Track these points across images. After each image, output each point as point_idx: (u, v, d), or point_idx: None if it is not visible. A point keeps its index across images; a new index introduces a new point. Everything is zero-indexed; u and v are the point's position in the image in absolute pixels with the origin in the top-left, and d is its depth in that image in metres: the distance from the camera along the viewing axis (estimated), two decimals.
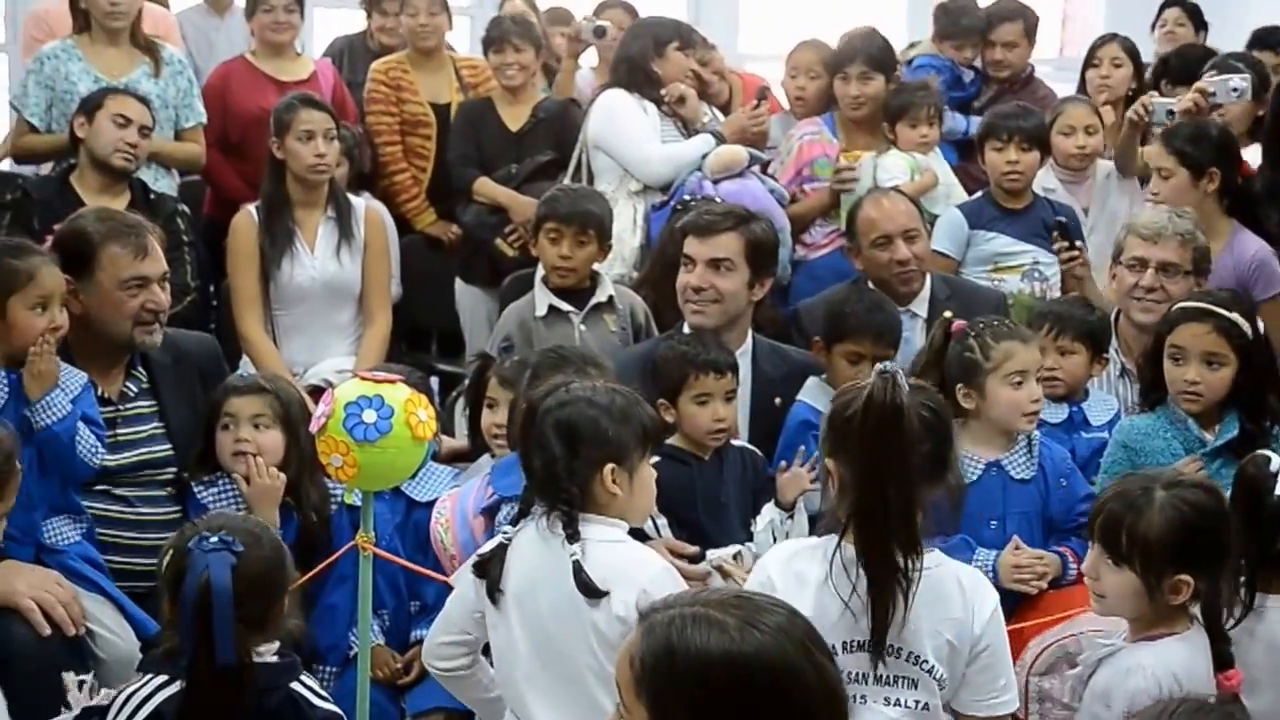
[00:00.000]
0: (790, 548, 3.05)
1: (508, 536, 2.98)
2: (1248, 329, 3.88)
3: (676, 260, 4.45)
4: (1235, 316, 3.87)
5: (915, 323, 4.70)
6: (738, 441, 4.12)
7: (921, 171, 5.52)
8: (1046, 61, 9.01)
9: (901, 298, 4.69)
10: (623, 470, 2.94)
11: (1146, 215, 4.67)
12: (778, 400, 4.33)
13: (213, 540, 2.83)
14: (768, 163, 5.62)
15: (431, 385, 4.20)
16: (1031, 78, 6.58)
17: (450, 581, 3.40)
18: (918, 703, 2.86)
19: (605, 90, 5.62)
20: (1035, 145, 5.28)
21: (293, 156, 5.02)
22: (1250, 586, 3.03)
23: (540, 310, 4.72)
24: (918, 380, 3.06)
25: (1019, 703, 3.04)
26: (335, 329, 5.13)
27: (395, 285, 5.50)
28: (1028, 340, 3.91)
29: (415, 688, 3.81)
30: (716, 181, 5.28)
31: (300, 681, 2.93)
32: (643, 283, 5.08)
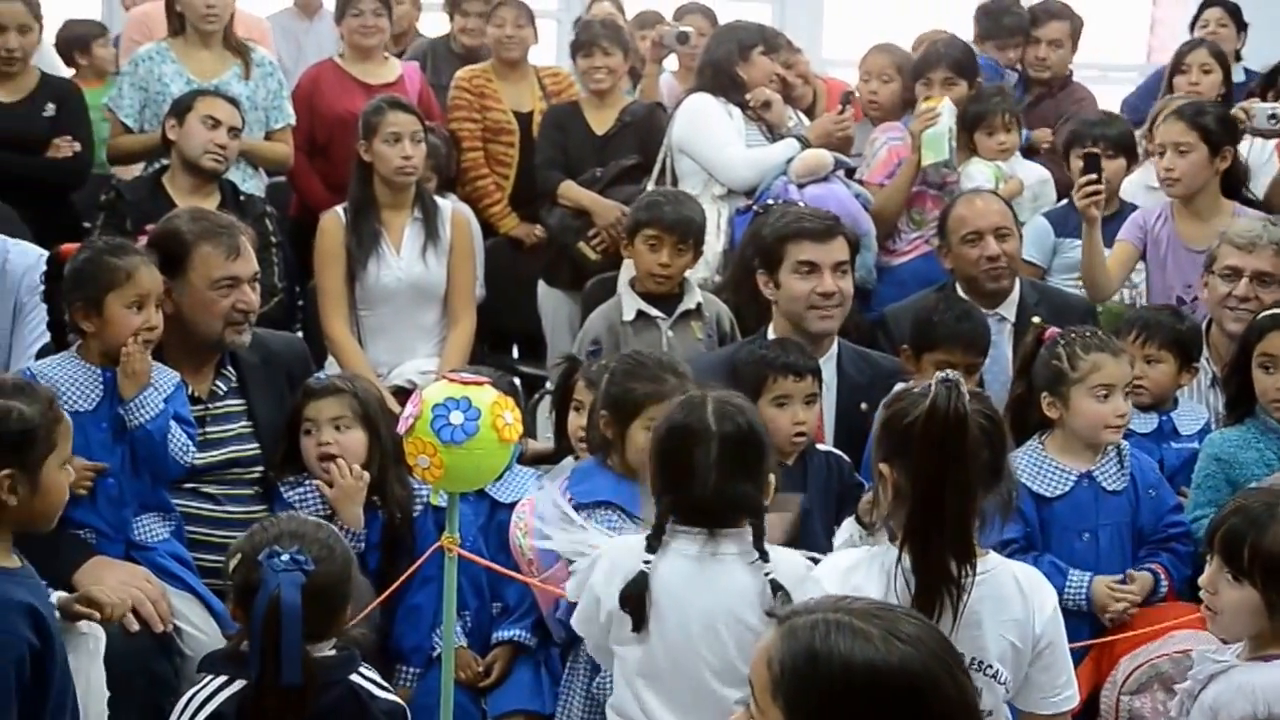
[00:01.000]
0: (847, 559, 3.01)
1: (649, 565, 2.94)
2: None
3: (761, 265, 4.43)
4: None
5: (1004, 327, 4.66)
6: (823, 446, 4.10)
7: (1006, 179, 5.47)
8: (1132, 68, 8.94)
9: (990, 297, 4.66)
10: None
11: (1241, 224, 4.61)
12: (863, 405, 4.29)
13: (284, 559, 2.81)
14: (854, 169, 5.60)
15: (518, 387, 4.20)
16: (1070, 80, 6.50)
17: (536, 584, 3.39)
18: (983, 711, 2.83)
19: (690, 94, 5.61)
20: (1121, 153, 5.21)
21: (380, 158, 5.05)
22: None
23: (628, 315, 4.71)
24: (974, 388, 3.05)
25: (1105, 715, 3.01)
26: (420, 330, 5.16)
27: (480, 287, 5.51)
28: (1118, 354, 3.83)
29: (495, 689, 3.81)
30: (801, 186, 5.27)
31: (359, 673, 2.93)
32: (724, 286, 5.07)
